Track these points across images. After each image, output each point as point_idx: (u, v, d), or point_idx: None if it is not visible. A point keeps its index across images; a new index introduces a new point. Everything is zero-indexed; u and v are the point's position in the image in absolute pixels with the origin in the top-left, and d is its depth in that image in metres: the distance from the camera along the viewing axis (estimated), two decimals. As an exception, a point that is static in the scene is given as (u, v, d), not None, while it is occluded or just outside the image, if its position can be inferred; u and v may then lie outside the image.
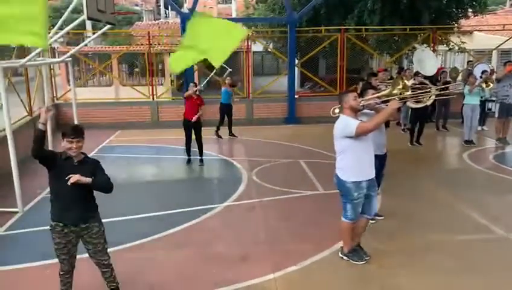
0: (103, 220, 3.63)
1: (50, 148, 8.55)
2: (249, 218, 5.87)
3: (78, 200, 3.38)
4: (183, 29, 12.33)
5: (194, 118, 8.30)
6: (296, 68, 14.08)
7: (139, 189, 7.23)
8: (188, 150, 8.63)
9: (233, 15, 30.33)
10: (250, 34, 14.00)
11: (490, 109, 11.53)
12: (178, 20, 16.71)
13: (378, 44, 14.49)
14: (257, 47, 19.29)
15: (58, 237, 3.44)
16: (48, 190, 6.71)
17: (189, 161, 8.60)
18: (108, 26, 7.66)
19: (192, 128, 8.43)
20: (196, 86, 8.63)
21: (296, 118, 13.18)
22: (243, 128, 11.65)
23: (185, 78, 12.72)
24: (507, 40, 14.13)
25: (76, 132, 3.33)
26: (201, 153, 8.51)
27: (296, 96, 13.61)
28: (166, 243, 5.10)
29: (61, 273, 3.60)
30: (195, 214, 5.89)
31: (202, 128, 8.58)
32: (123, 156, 9.34)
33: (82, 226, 3.44)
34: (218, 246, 4.96)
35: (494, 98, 10.66)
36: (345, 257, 4.51)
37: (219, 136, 10.98)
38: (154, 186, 7.41)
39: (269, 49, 16.50)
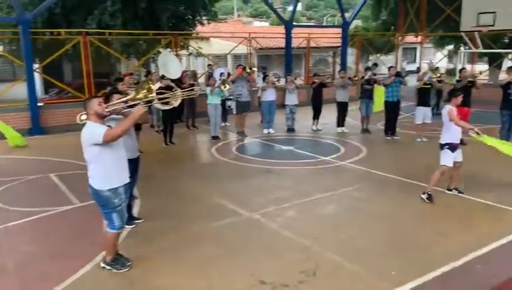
0: None
1: None
2: (-9, 249, 5.04)
3: None
4: None
5: None
6: (37, 73, 12.75)
7: None
8: None
9: None
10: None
11: (230, 107, 13.03)
12: None
13: (123, 48, 14.46)
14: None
15: None
16: None
17: None
18: None
19: None
20: None
21: (42, 128, 11.97)
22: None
23: None
24: (237, 46, 16.25)
25: None
26: None
27: (40, 104, 12.36)
28: None
29: None
30: None
31: None
32: None
33: None
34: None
35: (231, 97, 12.10)
36: (107, 267, 4.38)
37: None
38: None
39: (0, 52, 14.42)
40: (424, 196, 6.27)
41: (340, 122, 11.75)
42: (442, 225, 5.51)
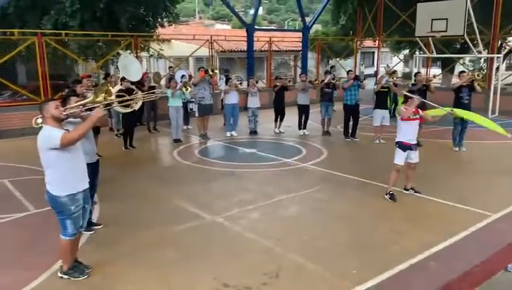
0: None
1: None
2: None
3: None
4: None
5: None
6: (-13, 75, 12.17)
7: None
8: None
9: None
10: None
11: (192, 109, 12.92)
12: None
13: (81, 49, 14.05)
14: None
15: None
16: None
17: None
18: None
19: None
20: None
21: (-6, 132, 11.47)
22: None
23: None
24: (198, 48, 16.15)
25: None
26: None
27: (-9, 107, 11.84)
28: None
29: None
30: None
31: None
32: None
33: None
34: None
35: (193, 100, 12.02)
36: (65, 276, 4.23)
37: None
38: None
39: None
40: (387, 196, 6.49)
41: (302, 124, 11.90)
42: (400, 223, 5.70)
